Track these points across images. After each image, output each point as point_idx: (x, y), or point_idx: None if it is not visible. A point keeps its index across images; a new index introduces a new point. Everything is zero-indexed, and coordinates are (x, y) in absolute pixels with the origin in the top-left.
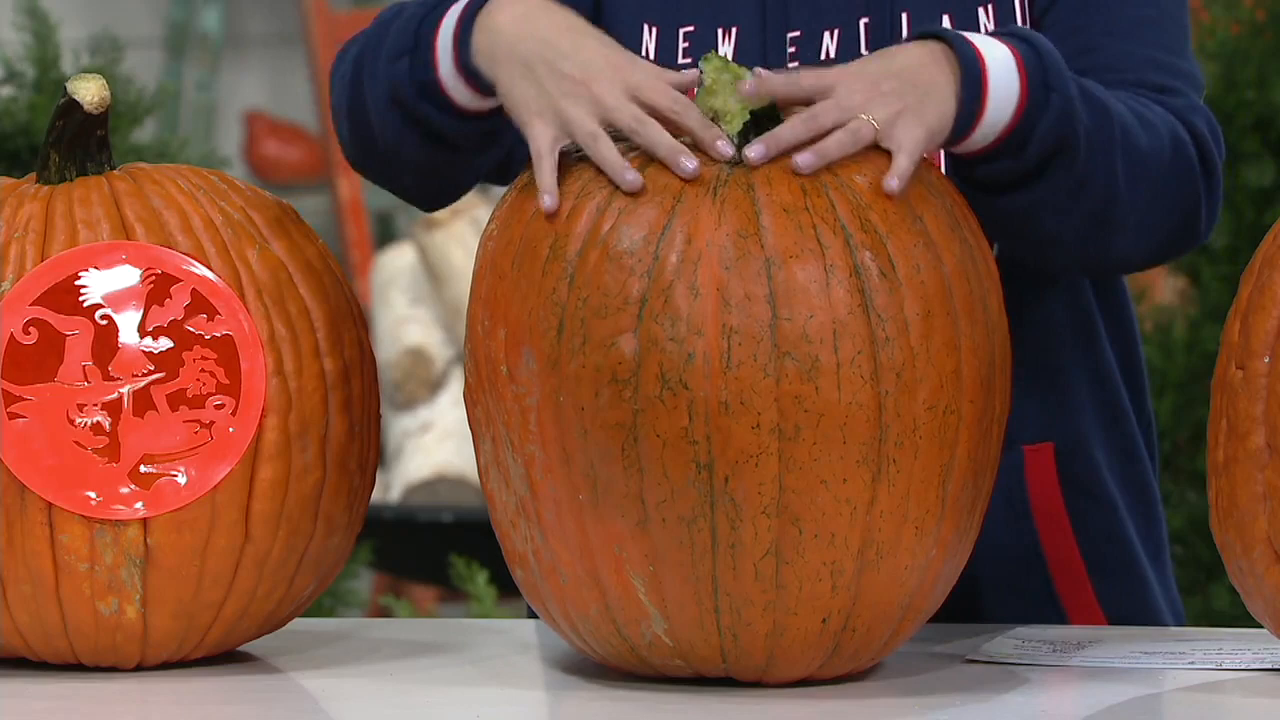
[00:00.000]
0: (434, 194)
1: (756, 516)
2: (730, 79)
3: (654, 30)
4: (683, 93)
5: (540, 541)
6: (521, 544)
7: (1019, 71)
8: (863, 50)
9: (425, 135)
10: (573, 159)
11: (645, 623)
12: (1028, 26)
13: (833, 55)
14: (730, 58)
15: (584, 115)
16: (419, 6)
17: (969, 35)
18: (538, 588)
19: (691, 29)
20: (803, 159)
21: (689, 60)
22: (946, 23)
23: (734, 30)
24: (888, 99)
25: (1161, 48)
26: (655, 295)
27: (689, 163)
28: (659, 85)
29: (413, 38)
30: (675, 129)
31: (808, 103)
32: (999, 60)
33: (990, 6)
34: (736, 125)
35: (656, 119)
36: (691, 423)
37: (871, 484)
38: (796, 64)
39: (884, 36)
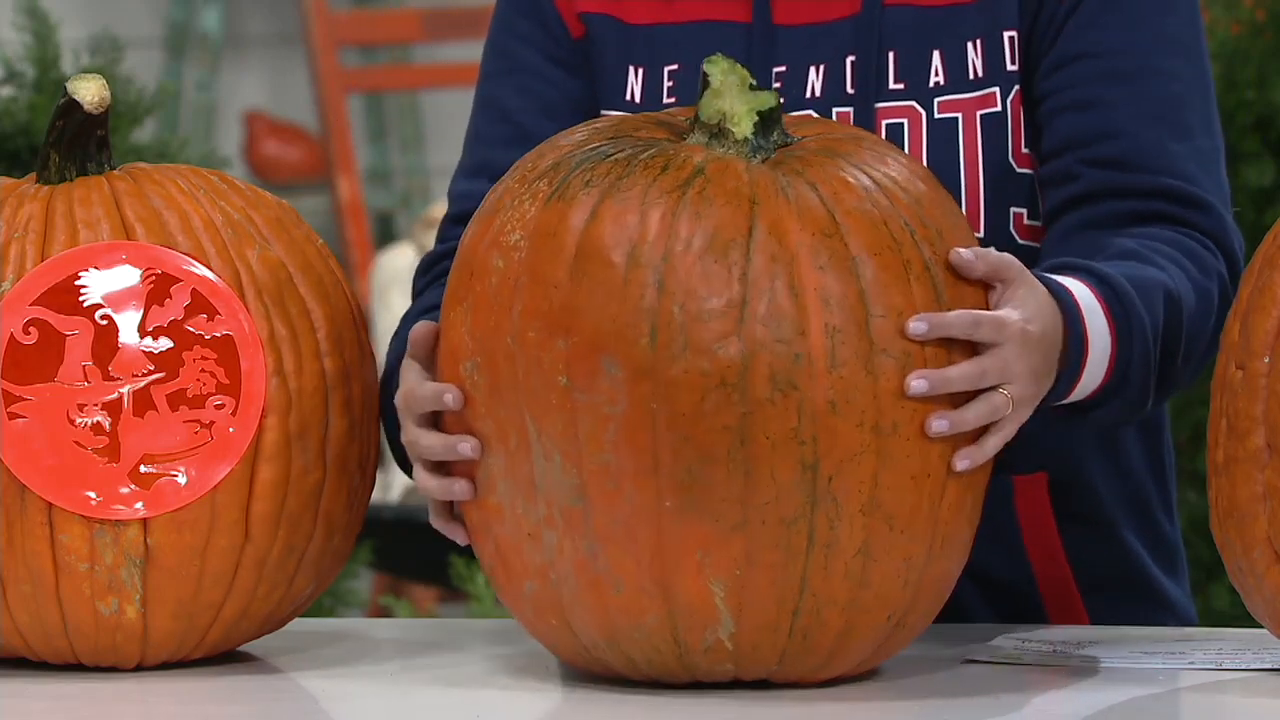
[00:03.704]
0: None
1: (854, 515)
2: (737, 80)
3: (640, 72)
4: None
5: (587, 553)
6: (542, 556)
7: (1110, 355)
8: (848, 89)
9: None
10: (621, 159)
11: (712, 628)
12: (1017, 66)
13: (818, 94)
14: None
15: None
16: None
17: (1084, 307)
18: (557, 600)
19: (676, 68)
20: (938, 424)
21: (673, 100)
22: (937, 60)
23: None
24: (1032, 379)
25: (1184, 133)
26: (755, 297)
27: (465, 446)
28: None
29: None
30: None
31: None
32: (1098, 352)
33: (979, 42)
34: (746, 127)
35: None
36: (800, 423)
37: (945, 478)
38: (782, 100)
39: (869, 74)
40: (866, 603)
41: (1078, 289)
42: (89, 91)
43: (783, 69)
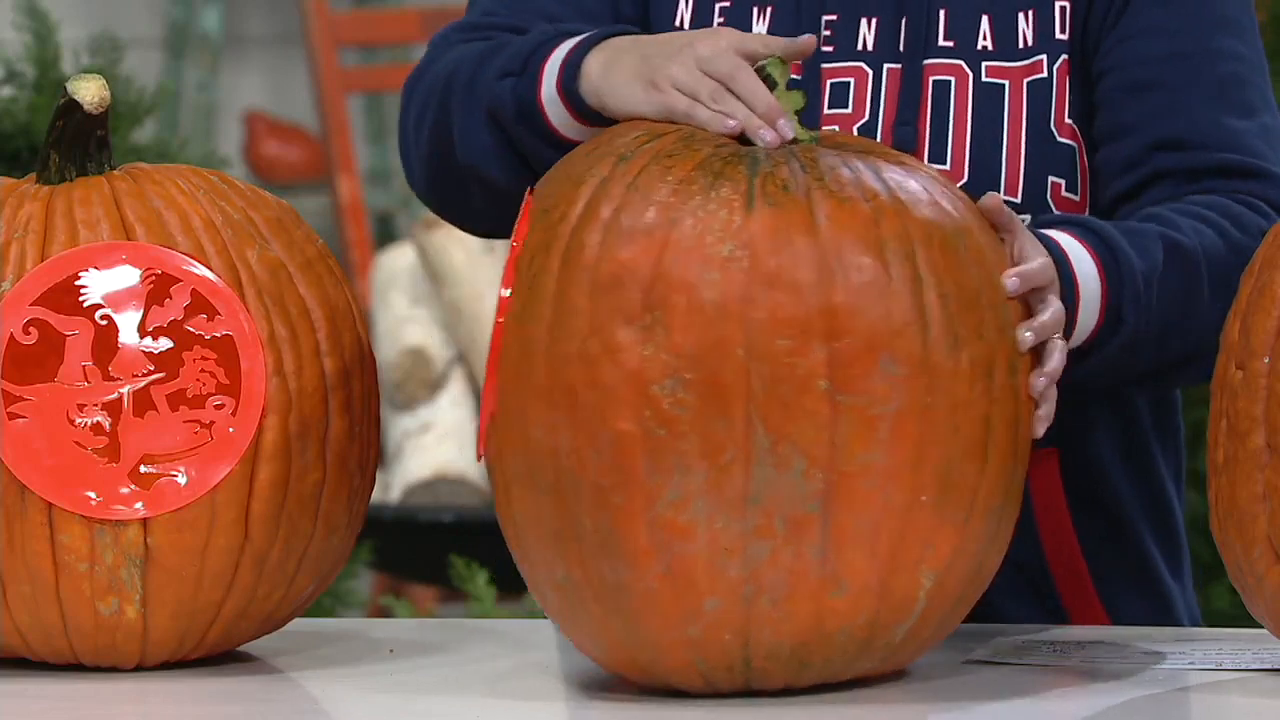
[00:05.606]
0: (496, 220)
1: (1022, 502)
2: (774, 80)
3: (690, 3)
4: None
5: (815, 558)
6: (740, 570)
7: (1100, 296)
8: (900, 47)
9: (512, 158)
10: (767, 159)
11: (901, 624)
12: (1067, 35)
13: (870, 47)
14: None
15: (686, 71)
16: (536, 34)
17: (1070, 253)
18: (743, 615)
19: (727, 4)
20: (1026, 333)
21: None
22: (986, 25)
23: (769, 9)
24: None
25: (1246, 110)
26: (989, 287)
27: (767, 134)
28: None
29: (522, 62)
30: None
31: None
32: (1089, 294)
33: (1031, 13)
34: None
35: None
36: (1018, 409)
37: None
38: (832, 48)
39: (920, 33)
40: (974, 593)
41: (1062, 238)
42: (89, 91)
43: (833, 17)
